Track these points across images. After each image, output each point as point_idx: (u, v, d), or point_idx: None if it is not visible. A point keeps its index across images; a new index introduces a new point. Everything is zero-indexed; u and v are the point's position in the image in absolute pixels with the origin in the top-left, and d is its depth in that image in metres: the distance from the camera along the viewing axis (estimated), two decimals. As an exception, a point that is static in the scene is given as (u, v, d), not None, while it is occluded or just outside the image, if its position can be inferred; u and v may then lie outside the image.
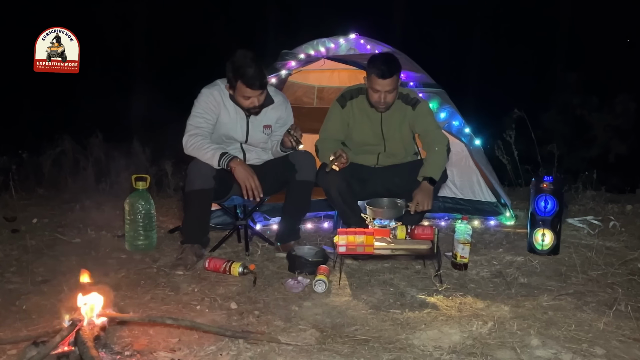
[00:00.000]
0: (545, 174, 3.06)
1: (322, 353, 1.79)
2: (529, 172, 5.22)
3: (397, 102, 2.97)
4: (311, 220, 3.69)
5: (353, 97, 3.01)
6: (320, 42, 3.84)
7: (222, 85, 2.88)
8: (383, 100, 2.84)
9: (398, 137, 3.03)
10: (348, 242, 2.48)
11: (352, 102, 3.01)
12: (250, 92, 2.75)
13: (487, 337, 1.91)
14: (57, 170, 5.41)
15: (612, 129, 8.26)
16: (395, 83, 2.82)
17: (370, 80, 2.83)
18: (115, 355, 1.75)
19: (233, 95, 2.82)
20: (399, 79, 2.86)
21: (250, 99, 2.78)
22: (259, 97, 2.79)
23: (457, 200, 3.89)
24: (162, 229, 3.40)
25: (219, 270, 2.60)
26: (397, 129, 3.01)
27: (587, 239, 3.26)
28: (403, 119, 2.99)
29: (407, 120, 2.98)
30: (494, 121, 6.53)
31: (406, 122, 2.99)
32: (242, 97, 2.77)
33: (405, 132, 3.03)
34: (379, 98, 2.84)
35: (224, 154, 2.71)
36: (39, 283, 2.49)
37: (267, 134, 2.97)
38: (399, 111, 2.98)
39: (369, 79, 2.84)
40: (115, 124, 6.99)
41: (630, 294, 2.35)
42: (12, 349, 1.80)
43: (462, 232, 2.66)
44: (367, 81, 2.86)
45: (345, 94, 3.05)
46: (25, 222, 3.63)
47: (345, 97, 3.03)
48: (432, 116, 3.05)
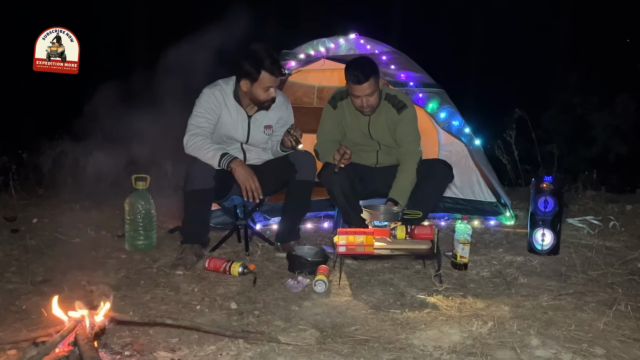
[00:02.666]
0: (545, 174, 3.06)
1: (322, 353, 1.79)
2: (529, 172, 5.23)
3: (384, 103, 2.97)
4: (311, 220, 3.69)
5: (343, 98, 3.02)
6: (320, 42, 3.84)
7: (223, 85, 2.88)
8: (365, 104, 2.85)
9: (388, 138, 3.02)
10: (348, 242, 2.48)
11: (343, 102, 3.02)
12: (273, 81, 2.76)
13: (487, 337, 1.91)
14: (57, 170, 5.41)
15: (612, 129, 8.25)
16: (373, 85, 2.81)
17: (349, 88, 2.84)
18: (115, 355, 1.75)
19: (249, 91, 2.81)
20: (377, 80, 2.84)
21: (270, 90, 2.79)
22: (275, 88, 2.81)
23: (457, 200, 3.89)
24: (162, 229, 3.40)
25: (219, 270, 2.60)
26: (386, 130, 3.00)
27: (587, 239, 3.26)
28: (390, 120, 2.98)
29: (393, 124, 2.98)
30: (494, 121, 6.52)
31: (393, 124, 2.99)
32: (262, 89, 2.78)
33: (393, 132, 3.01)
34: (361, 103, 2.85)
35: (224, 154, 2.72)
36: (39, 283, 2.49)
37: (268, 134, 2.98)
38: (385, 113, 2.98)
39: (348, 86, 2.85)
40: (115, 124, 6.98)
41: (630, 294, 2.35)
42: (12, 349, 1.80)
43: (462, 232, 2.66)
44: (348, 88, 2.86)
45: (336, 95, 3.06)
46: (25, 222, 3.64)
47: (335, 99, 3.05)
48: (413, 125, 2.99)
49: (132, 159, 4.36)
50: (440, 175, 2.93)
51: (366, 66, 2.82)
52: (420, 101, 3.46)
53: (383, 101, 2.97)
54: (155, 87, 3.64)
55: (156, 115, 3.31)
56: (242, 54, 2.77)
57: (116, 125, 3.96)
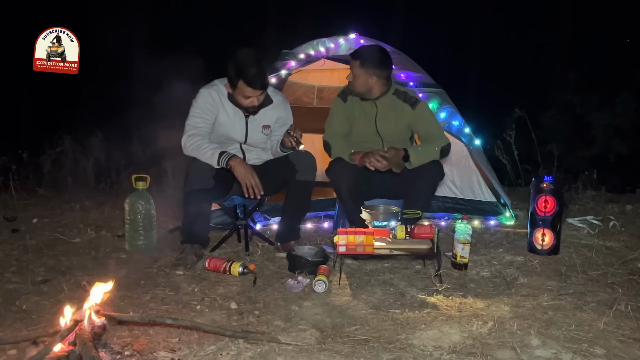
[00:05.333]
0: (545, 174, 3.06)
1: (322, 353, 1.79)
2: (529, 172, 5.23)
3: (392, 98, 2.98)
4: (311, 220, 3.69)
5: (352, 93, 3.03)
6: (320, 42, 3.84)
7: (220, 85, 2.88)
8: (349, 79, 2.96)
9: (394, 133, 3.02)
10: (348, 242, 2.48)
11: (352, 97, 3.03)
12: (251, 92, 2.75)
13: (487, 337, 1.91)
14: (57, 170, 5.41)
15: (612, 129, 8.25)
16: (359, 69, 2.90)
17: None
18: (115, 355, 1.75)
19: (232, 94, 2.82)
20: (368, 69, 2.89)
21: (250, 99, 2.78)
22: (258, 97, 2.79)
23: (457, 200, 3.89)
24: (162, 229, 3.40)
25: (219, 270, 2.60)
26: (393, 125, 3.00)
27: (587, 239, 3.26)
28: (400, 115, 2.98)
29: (405, 119, 2.99)
30: (494, 121, 6.53)
31: (403, 120, 2.99)
32: (242, 96, 2.77)
33: (401, 128, 3.02)
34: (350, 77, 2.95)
35: (223, 152, 2.71)
36: (39, 283, 2.49)
37: (267, 134, 2.97)
38: (394, 108, 2.98)
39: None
40: (115, 124, 6.99)
41: (630, 294, 2.35)
42: (12, 349, 1.80)
43: (462, 232, 2.66)
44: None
45: (346, 89, 3.09)
46: (25, 222, 3.64)
47: (346, 93, 3.08)
48: (433, 117, 3.06)
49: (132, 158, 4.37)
50: (429, 174, 2.89)
51: (365, 50, 2.97)
52: (420, 101, 3.46)
53: (392, 96, 2.98)
54: (156, 87, 3.64)
55: (156, 114, 3.31)
56: (231, 56, 2.75)
57: (116, 124, 3.96)
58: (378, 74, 2.90)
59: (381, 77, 2.92)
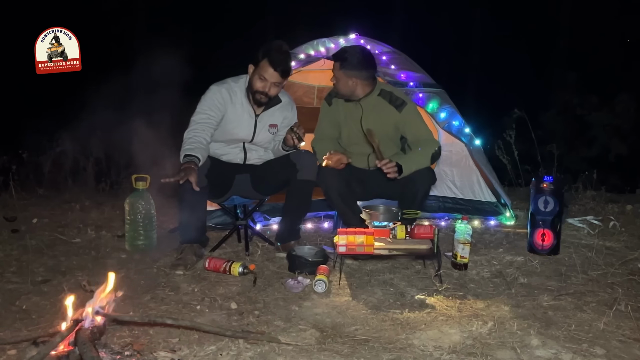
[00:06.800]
0: (545, 174, 3.06)
1: (322, 353, 1.79)
2: (529, 172, 5.23)
3: (378, 99, 2.96)
4: (311, 220, 3.69)
5: (337, 95, 3.02)
6: (320, 42, 3.84)
7: (232, 83, 2.89)
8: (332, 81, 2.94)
9: (381, 133, 2.92)
10: (348, 242, 2.48)
11: (337, 100, 3.03)
12: (270, 75, 2.75)
13: (487, 337, 1.91)
14: (57, 170, 5.41)
15: (612, 129, 8.24)
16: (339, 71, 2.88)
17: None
18: (115, 355, 1.75)
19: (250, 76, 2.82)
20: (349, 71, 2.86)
21: (265, 82, 2.78)
22: (273, 85, 2.79)
23: (457, 200, 3.89)
24: (162, 229, 3.40)
25: (219, 270, 2.60)
26: (379, 126, 2.92)
27: (587, 239, 3.26)
28: (385, 117, 2.95)
29: (392, 121, 2.95)
30: (494, 121, 6.52)
31: (390, 122, 2.96)
32: (258, 77, 2.77)
33: (387, 129, 2.97)
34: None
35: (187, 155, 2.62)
36: (39, 283, 2.49)
37: (273, 133, 2.98)
38: (380, 109, 2.95)
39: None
40: (115, 124, 6.98)
41: (630, 294, 2.35)
42: (12, 349, 1.80)
43: (462, 232, 2.66)
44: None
45: (331, 92, 3.09)
46: (25, 222, 3.63)
47: (331, 95, 3.08)
48: (420, 120, 2.98)
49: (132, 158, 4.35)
50: (421, 179, 2.86)
51: (345, 51, 2.91)
52: (420, 101, 3.46)
53: (377, 97, 2.96)
54: (155, 87, 3.64)
55: (157, 114, 3.30)
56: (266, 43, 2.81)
57: (116, 124, 3.95)
58: (358, 75, 2.88)
59: (362, 78, 2.89)
